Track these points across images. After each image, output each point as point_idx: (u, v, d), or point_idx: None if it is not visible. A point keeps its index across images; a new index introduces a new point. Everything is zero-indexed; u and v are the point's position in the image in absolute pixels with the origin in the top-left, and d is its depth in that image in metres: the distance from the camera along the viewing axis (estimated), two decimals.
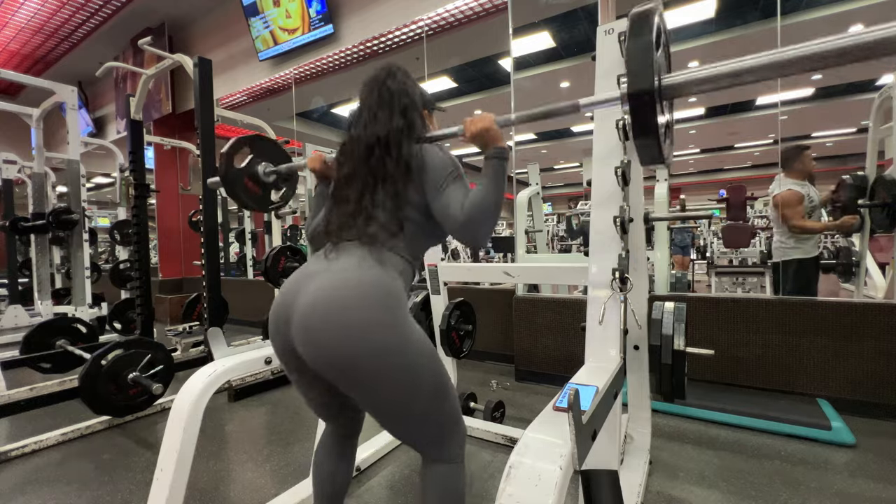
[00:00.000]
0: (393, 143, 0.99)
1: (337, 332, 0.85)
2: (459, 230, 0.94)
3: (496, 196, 0.95)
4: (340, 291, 0.88)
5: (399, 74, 1.06)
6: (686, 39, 4.81)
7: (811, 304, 2.32)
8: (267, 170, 1.59)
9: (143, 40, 2.49)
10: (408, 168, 0.98)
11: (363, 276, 0.90)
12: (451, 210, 0.94)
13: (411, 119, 1.02)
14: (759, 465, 1.83)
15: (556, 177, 12.70)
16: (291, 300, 0.93)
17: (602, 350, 1.17)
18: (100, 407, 2.23)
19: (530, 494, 0.68)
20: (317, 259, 0.99)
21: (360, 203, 0.99)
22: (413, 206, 0.99)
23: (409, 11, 3.81)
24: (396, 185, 0.98)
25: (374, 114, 1.02)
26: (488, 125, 0.99)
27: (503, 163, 0.99)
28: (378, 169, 0.99)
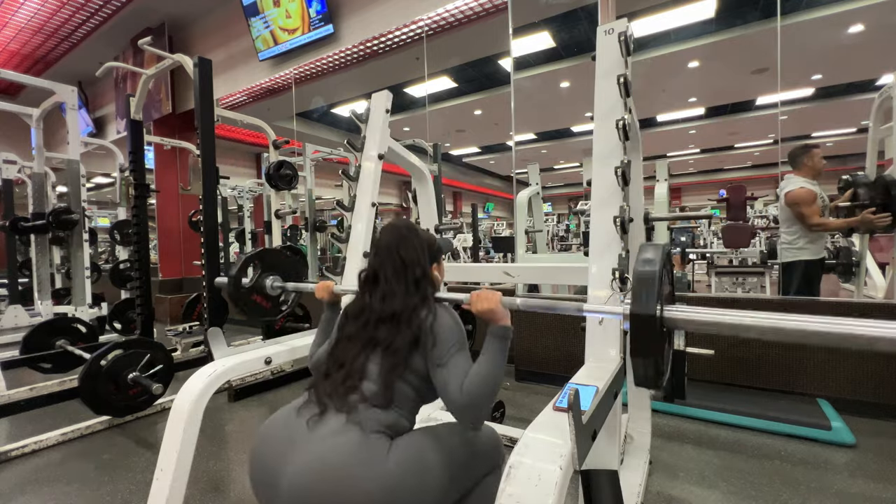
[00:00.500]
0: (404, 318, 1.02)
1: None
2: (458, 412, 0.96)
3: (496, 375, 0.98)
4: (334, 470, 0.85)
5: (410, 236, 1.11)
6: (686, 39, 4.81)
7: (811, 304, 2.32)
8: (275, 284, 1.62)
9: (143, 40, 2.49)
10: (414, 339, 1.00)
11: (355, 449, 0.87)
12: (450, 390, 0.95)
13: (423, 291, 1.08)
14: (759, 465, 1.83)
15: (556, 177, 12.70)
16: (278, 465, 0.90)
17: (602, 350, 1.17)
18: (100, 407, 2.23)
19: (530, 494, 0.68)
20: (298, 423, 0.95)
21: (355, 371, 1.00)
22: (412, 371, 1.00)
23: (409, 11, 3.80)
24: (397, 357, 0.99)
25: (391, 289, 1.06)
26: (493, 306, 1.05)
27: (505, 342, 1.02)
28: (385, 339, 1.01)
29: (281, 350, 1.63)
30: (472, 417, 0.96)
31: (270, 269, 1.64)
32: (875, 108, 2.78)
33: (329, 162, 4.88)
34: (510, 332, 1.04)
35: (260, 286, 1.61)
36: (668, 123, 8.39)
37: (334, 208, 4.00)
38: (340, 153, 4.67)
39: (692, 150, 10.96)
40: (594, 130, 1.31)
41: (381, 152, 1.81)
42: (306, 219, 4.27)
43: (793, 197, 2.71)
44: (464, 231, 8.30)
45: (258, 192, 5.85)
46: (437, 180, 3.50)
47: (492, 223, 12.22)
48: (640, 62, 4.82)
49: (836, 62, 5.53)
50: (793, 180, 2.77)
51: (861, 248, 2.86)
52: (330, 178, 7.57)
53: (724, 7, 4.35)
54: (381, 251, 1.12)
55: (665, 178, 3.18)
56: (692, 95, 7.21)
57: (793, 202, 2.71)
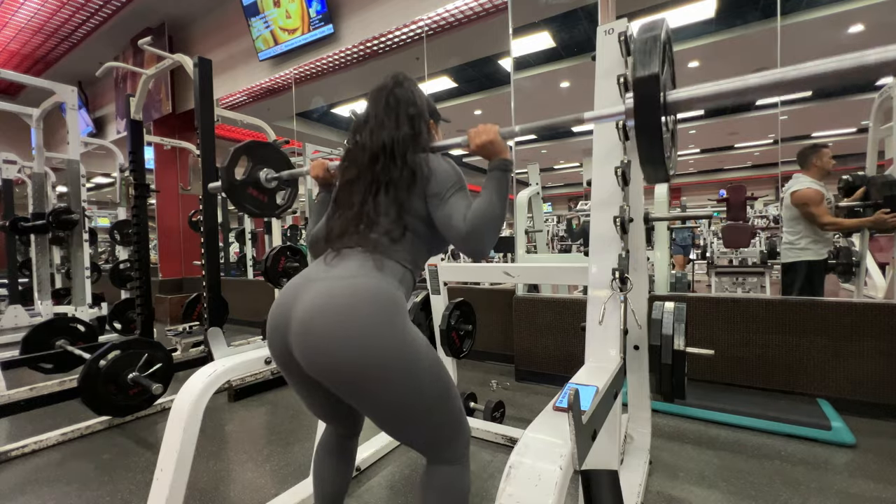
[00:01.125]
0: (398, 151, 0.99)
1: (336, 339, 0.84)
2: (462, 241, 0.94)
3: (499, 207, 0.96)
4: (340, 299, 0.87)
5: (406, 83, 1.07)
6: (686, 39, 4.81)
7: (811, 304, 2.32)
8: (269, 176, 1.59)
9: (143, 40, 2.49)
10: (412, 176, 0.98)
11: (363, 282, 0.90)
12: (454, 221, 0.94)
13: (417, 128, 1.03)
14: (759, 465, 1.83)
15: (556, 177, 12.70)
16: (290, 306, 0.92)
17: (602, 350, 1.17)
18: (100, 407, 2.23)
19: (530, 494, 0.68)
20: (316, 265, 0.98)
21: (362, 208, 0.99)
22: (415, 216, 0.99)
23: (409, 11, 3.81)
24: (400, 193, 0.98)
25: (380, 121, 1.02)
26: (492, 137, 1.00)
27: (506, 174, 1.00)
28: (382, 175, 0.99)
29: None
30: (476, 245, 0.95)
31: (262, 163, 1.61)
32: (875, 108, 2.78)
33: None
34: (510, 164, 1.02)
35: (254, 178, 1.57)
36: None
37: None
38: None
39: (692, 150, 10.95)
40: (594, 131, 1.31)
41: None
42: (306, 219, 4.27)
43: (800, 197, 2.67)
44: None
45: None
46: None
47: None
48: None
49: None
50: (800, 180, 2.74)
51: (861, 248, 2.86)
52: None
53: (724, 7, 4.35)
54: (373, 94, 1.07)
55: None
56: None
57: (801, 202, 2.67)
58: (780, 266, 2.93)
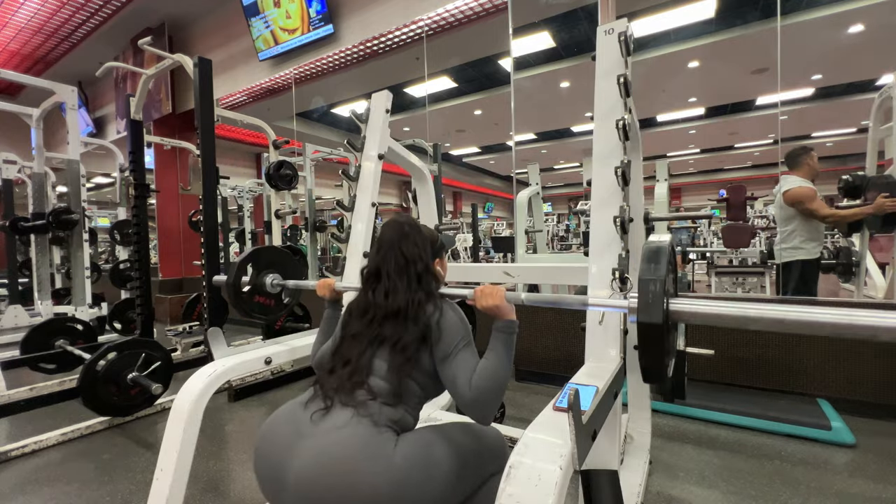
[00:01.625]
0: (410, 314, 1.02)
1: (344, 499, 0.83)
2: (467, 407, 0.97)
3: (505, 371, 0.99)
4: (340, 463, 0.85)
5: (411, 234, 1.11)
6: (686, 39, 4.81)
7: (811, 304, 2.32)
8: (274, 282, 1.64)
9: (143, 40, 2.49)
10: (421, 335, 1.00)
11: (359, 441, 0.88)
12: (459, 385, 0.96)
13: (427, 287, 1.07)
14: (759, 465, 1.83)
15: (556, 177, 12.71)
16: (282, 461, 0.90)
17: (602, 350, 1.17)
18: (99, 407, 2.23)
19: (530, 494, 0.68)
20: (304, 415, 0.96)
21: (359, 362, 1.00)
22: (421, 370, 1.01)
23: (409, 11, 3.80)
24: (407, 353, 0.99)
25: (394, 284, 1.05)
26: (498, 302, 1.04)
27: (512, 337, 1.04)
28: (391, 335, 1.01)
29: (281, 350, 1.63)
30: (481, 412, 0.96)
31: (268, 267, 1.64)
32: (875, 108, 2.78)
33: (329, 162, 4.88)
34: (516, 326, 1.05)
35: (260, 286, 1.61)
36: (668, 123, 8.40)
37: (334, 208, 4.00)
38: (340, 153, 4.67)
39: (692, 150, 10.96)
40: (594, 130, 1.31)
41: (381, 152, 1.81)
42: (306, 219, 4.27)
43: (794, 195, 2.68)
44: (463, 231, 8.30)
45: (258, 192, 5.85)
46: (437, 180, 3.50)
47: (492, 223, 12.22)
48: (640, 62, 4.82)
49: (836, 62, 5.53)
50: (790, 179, 2.75)
51: (861, 248, 2.86)
52: (330, 178, 7.57)
53: (724, 7, 4.35)
54: (383, 247, 1.11)
55: (665, 178, 3.18)
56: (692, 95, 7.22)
57: (796, 200, 2.68)
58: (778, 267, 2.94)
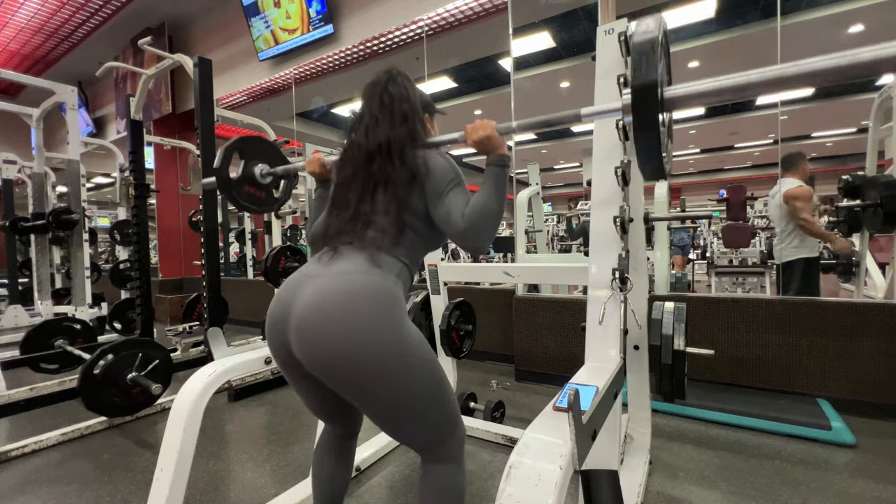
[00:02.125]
0: (395, 150, 0.99)
1: (333, 334, 0.85)
2: (461, 237, 0.95)
3: (497, 202, 0.96)
4: (337, 294, 0.88)
5: (400, 79, 1.06)
6: (686, 39, 4.80)
7: (811, 304, 2.32)
8: (264, 171, 1.58)
9: (143, 40, 2.49)
10: (410, 175, 0.98)
11: (360, 279, 0.90)
12: (453, 217, 0.95)
13: (412, 125, 1.02)
14: (759, 465, 1.83)
15: (556, 177, 12.71)
16: (289, 302, 0.92)
17: (602, 350, 1.17)
18: (99, 407, 2.23)
19: (530, 494, 0.68)
20: (314, 262, 0.99)
21: (358, 208, 0.99)
22: (414, 213, 1.00)
23: (409, 11, 3.81)
24: (398, 191, 0.98)
25: (375, 119, 1.02)
26: (490, 133, 1.00)
27: (504, 170, 1.00)
28: (379, 174, 0.99)
29: None
30: (475, 241, 0.95)
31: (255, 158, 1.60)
32: (875, 108, 2.78)
33: None
34: (508, 159, 1.02)
35: (249, 175, 1.56)
36: None
37: None
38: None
39: (692, 150, 10.96)
40: (594, 130, 1.31)
41: None
42: (306, 219, 4.27)
43: (795, 192, 2.84)
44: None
45: None
46: None
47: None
48: None
49: None
50: (788, 181, 2.91)
51: (861, 248, 2.86)
52: None
53: (724, 7, 4.35)
54: (367, 90, 1.06)
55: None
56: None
57: (793, 197, 2.84)
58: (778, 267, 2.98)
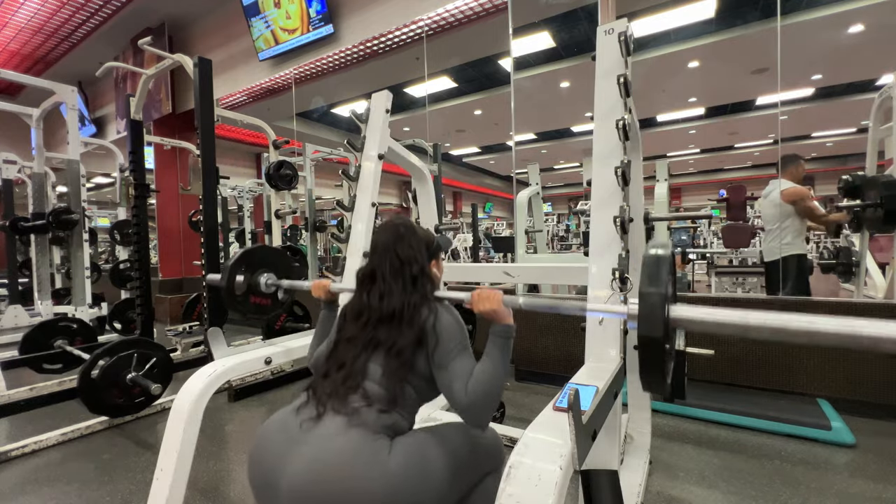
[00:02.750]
0: (406, 317, 1.01)
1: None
2: (462, 412, 0.96)
3: (501, 375, 0.98)
4: (332, 469, 0.85)
5: (406, 235, 1.10)
6: (686, 39, 4.81)
7: (811, 304, 2.32)
8: (269, 282, 1.64)
9: (143, 40, 2.49)
10: (417, 339, 0.99)
11: (351, 447, 0.87)
12: (455, 391, 0.95)
13: (423, 289, 1.06)
14: (759, 465, 1.83)
15: (556, 177, 12.71)
16: (275, 467, 0.89)
17: (602, 350, 1.17)
18: (99, 407, 2.23)
19: (530, 494, 0.68)
20: (294, 416, 0.95)
21: (353, 367, 0.99)
22: (417, 374, 1.00)
23: (409, 11, 3.80)
24: (403, 358, 0.98)
25: (389, 287, 1.04)
26: (496, 307, 1.03)
27: (509, 342, 1.02)
28: (386, 339, 1.00)
29: (281, 350, 1.63)
30: (477, 418, 0.96)
31: (260, 267, 1.62)
32: (875, 108, 2.78)
33: (329, 162, 4.88)
34: (513, 331, 1.04)
35: (255, 286, 1.59)
36: (668, 123, 8.39)
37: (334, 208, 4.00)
38: (340, 153, 4.66)
39: (692, 150, 10.96)
40: (594, 130, 1.31)
41: (381, 152, 1.81)
42: (306, 219, 4.27)
43: (793, 193, 2.88)
44: (463, 231, 8.30)
45: (258, 192, 5.85)
46: (437, 180, 3.50)
47: (491, 223, 12.22)
48: (640, 62, 4.82)
49: (836, 62, 5.53)
50: (783, 182, 2.94)
51: (861, 248, 2.86)
52: (330, 178, 7.57)
53: (724, 7, 4.35)
54: (378, 249, 1.11)
55: (665, 178, 3.18)
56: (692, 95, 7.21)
57: (796, 197, 2.87)
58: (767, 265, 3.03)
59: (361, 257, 1.66)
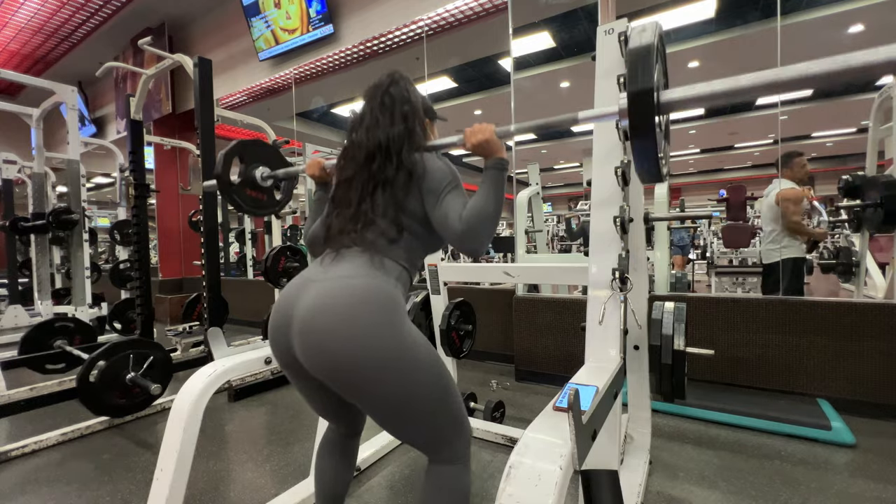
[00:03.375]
0: (394, 149, 0.99)
1: (337, 337, 0.85)
2: (458, 240, 0.95)
3: (495, 205, 0.96)
4: (340, 298, 0.88)
5: (402, 82, 1.07)
6: (686, 39, 4.80)
7: (811, 304, 2.32)
8: (264, 174, 1.59)
9: (143, 40, 2.49)
10: (408, 175, 0.98)
11: (362, 282, 0.91)
12: (450, 220, 0.95)
13: (412, 126, 1.03)
14: (759, 465, 1.83)
15: (556, 177, 12.70)
16: (291, 306, 0.93)
17: (602, 350, 1.17)
18: (98, 408, 2.23)
19: (530, 494, 0.68)
20: (315, 265, 1.00)
21: (359, 207, 1.00)
22: (411, 216, 1.00)
23: (409, 11, 3.80)
24: (396, 192, 0.98)
25: (375, 119, 1.02)
26: (488, 137, 1.00)
27: (502, 173, 1.00)
28: (379, 174, 0.99)
29: None
30: (472, 243, 0.95)
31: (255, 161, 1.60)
32: (875, 108, 2.78)
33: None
34: (506, 163, 1.02)
35: (250, 178, 1.57)
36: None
37: None
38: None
39: (692, 150, 10.95)
40: (594, 131, 1.31)
41: None
42: (306, 219, 4.27)
43: (786, 195, 2.87)
44: None
45: None
46: None
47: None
48: None
49: None
50: (783, 182, 2.93)
51: (861, 248, 2.86)
52: None
53: (724, 7, 4.35)
54: (369, 92, 1.07)
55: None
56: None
57: (785, 199, 2.86)
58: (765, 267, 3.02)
59: None
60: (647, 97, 0.81)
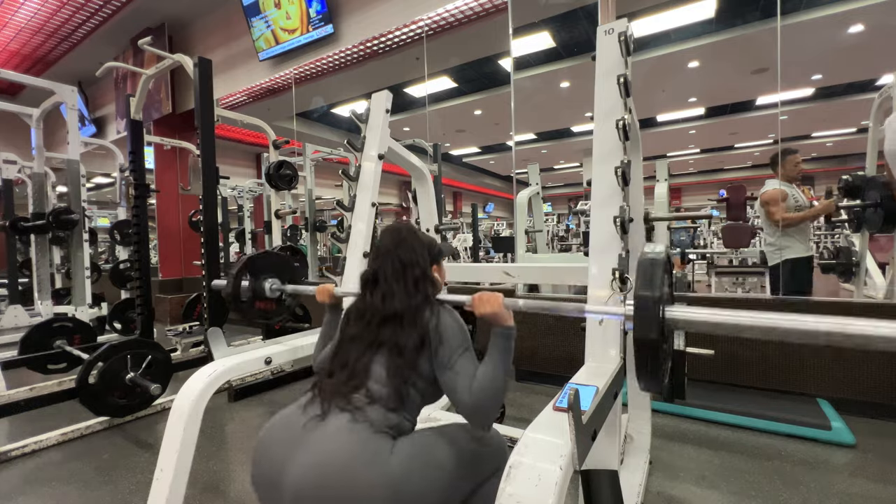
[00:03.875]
0: (407, 319, 1.02)
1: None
2: (467, 414, 0.97)
3: (502, 379, 0.99)
4: (334, 468, 0.85)
5: (408, 240, 1.12)
6: (686, 39, 4.80)
7: (811, 304, 2.32)
8: (273, 287, 1.66)
9: (143, 40, 2.49)
10: (420, 340, 1.00)
11: (353, 449, 0.87)
12: (459, 392, 0.96)
13: (425, 291, 1.08)
14: (759, 465, 1.83)
15: (556, 177, 12.68)
16: (280, 465, 0.89)
17: (602, 350, 1.17)
18: (98, 408, 2.23)
19: (530, 494, 0.68)
20: (300, 415, 0.96)
21: (356, 366, 1.00)
22: (420, 376, 1.01)
23: (409, 11, 3.80)
24: (406, 358, 0.99)
25: (391, 288, 1.06)
26: (496, 309, 1.05)
27: (510, 341, 1.04)
28: (390, 339, 1.01)
29: (281, 350, 1.63)
30: (481, 419, 0.97)
31: (264, 272, 1.64)
32: (875, 108, 2.78)
33: (329, 162, 4.88)
34: (514, 332, 1.05)
35: (259, 292, 1.61)
36: (668, 123, 8.38)
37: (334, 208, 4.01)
38: (340, 153, 4.66)
39: (692, 150, 10.94)
40: (594, 130, 1.31)
41: (381, 152, 1.81)
42: (306, 219, 4.27)
43: (764, 197, 2.91)
44: (463, 231, 8.30)
45: (258, 192, 5.85)
46: (437, 180, 3.50)
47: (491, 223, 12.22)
48: (640, 62, 4.81)
49: (836, 62, 5.52)
50: (768, 183, 2.96)
51: (861, 248, 2.86)
52: (330, 178, 7.56)
53: (724, 7, 4.35)
54: (381, 253, 1.13)
55: (665, 178, 3.18)
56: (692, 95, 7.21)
57: (764, 202, 2.90)
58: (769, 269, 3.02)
59: (361, 257, 1.66)
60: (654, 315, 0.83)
